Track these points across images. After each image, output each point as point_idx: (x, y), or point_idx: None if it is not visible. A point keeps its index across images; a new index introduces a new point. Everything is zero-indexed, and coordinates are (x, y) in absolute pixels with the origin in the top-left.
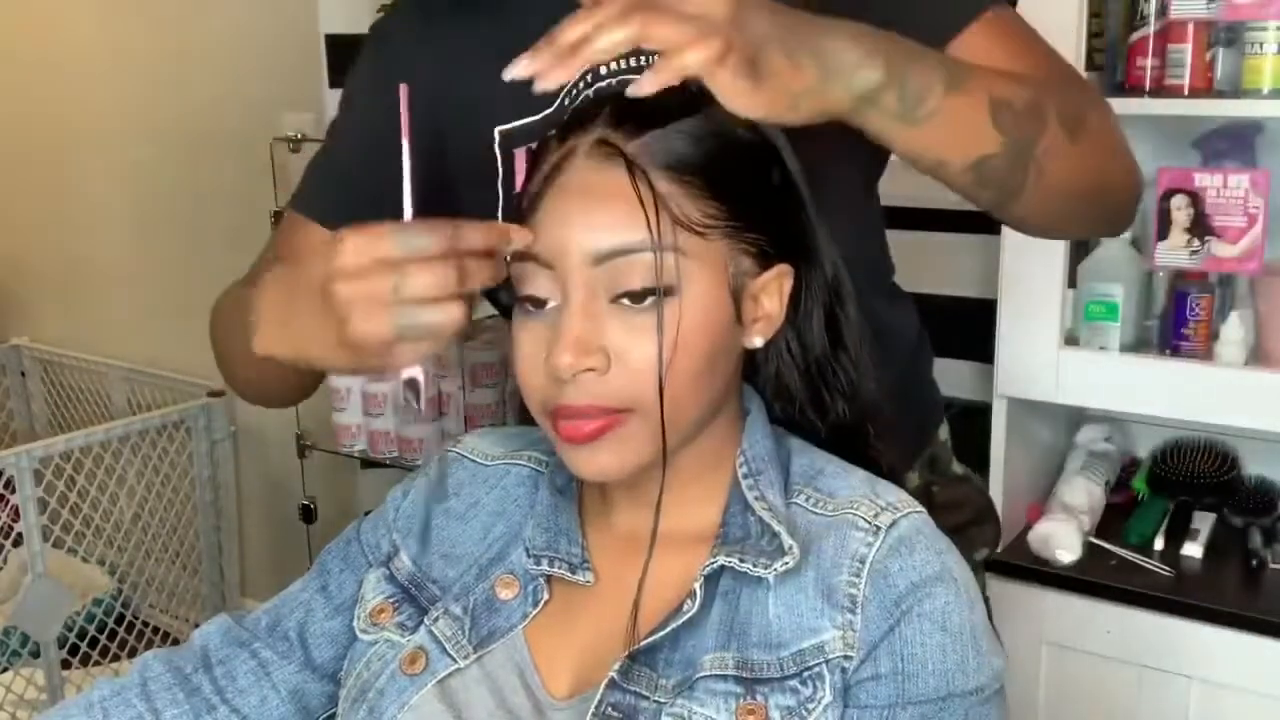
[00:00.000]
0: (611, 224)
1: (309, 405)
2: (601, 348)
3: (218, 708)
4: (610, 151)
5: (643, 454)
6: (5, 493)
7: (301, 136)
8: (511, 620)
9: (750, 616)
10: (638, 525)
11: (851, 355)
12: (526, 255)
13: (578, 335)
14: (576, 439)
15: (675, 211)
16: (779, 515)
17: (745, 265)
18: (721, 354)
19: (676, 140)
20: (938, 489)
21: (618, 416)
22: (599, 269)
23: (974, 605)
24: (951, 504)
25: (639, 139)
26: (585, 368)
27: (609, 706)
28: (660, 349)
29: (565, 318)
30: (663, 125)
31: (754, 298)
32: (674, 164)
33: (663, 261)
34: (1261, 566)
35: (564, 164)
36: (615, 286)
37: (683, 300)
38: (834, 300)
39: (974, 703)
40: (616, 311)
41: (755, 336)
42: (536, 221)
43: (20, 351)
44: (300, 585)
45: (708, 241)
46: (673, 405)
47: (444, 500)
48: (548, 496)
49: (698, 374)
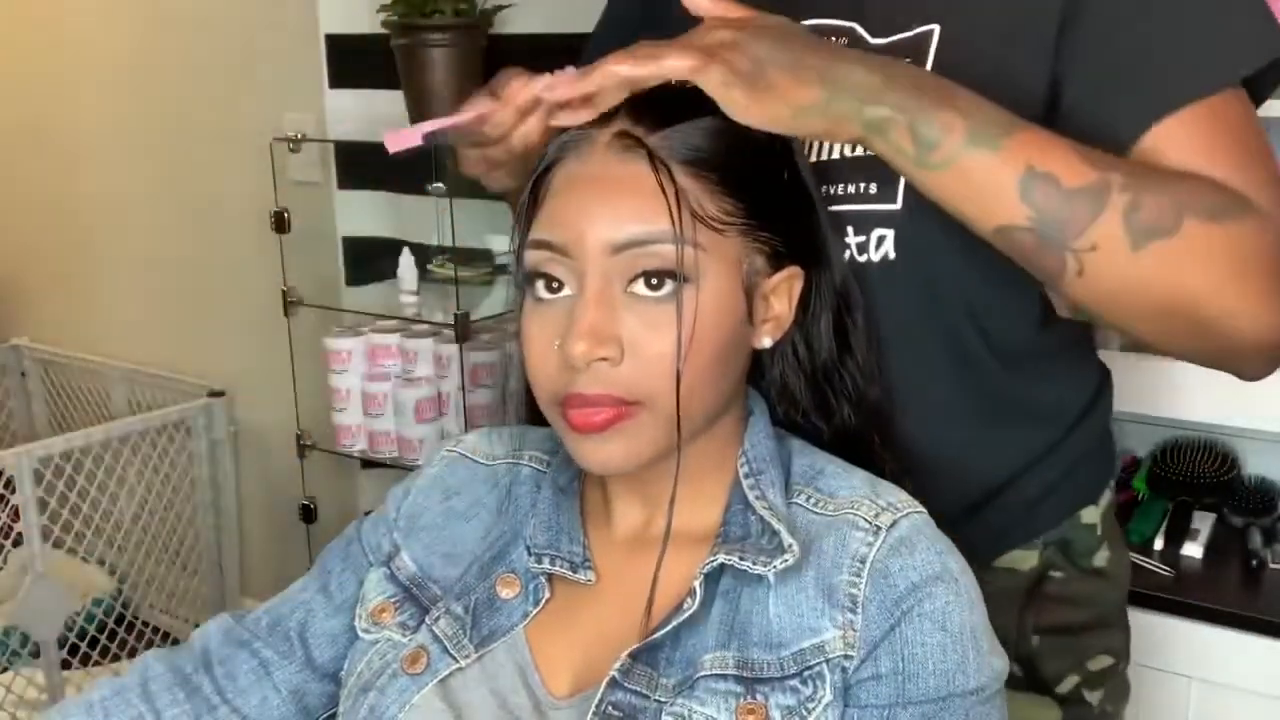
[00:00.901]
0: (631, 214)
1: (309, 405)
2: (616, 337)
3: (218, 707)
4: (631, 143)
5: (652, 447)
6: (5, 493)
7: (301, 136)
8: (513, 619)
9: (751, 616)
10: (639, 525)
11: (858, 361)
12: (544, 243)
13: (592, 323)
14: (587, 429)
15: (694, 206)
16: (779, 514)
17: (759, 264)
18: (733, 351)
19: (696, 135)
20: (1058, 577)
21: (628, 409)
22: (616, 258)
23: (974, 605)
24: (1066, 599)
25: (660, 132)
26: (599, 356)
27: (610, 705)
28: (679, 336)
29: (580, 306)
30: (683, 120)
31: (765, 298)
32: (693, 159)
33: (682, 254)
34: (1261, 566)
35: (585, 154)
36: (632, 272)
37: (699, 293)
38: (843, 306)
39: (974, 703)
40: (631, 302)
41: (764, 337)
42: (555, 210)
43: (20, 351)
44: (301, 585)
45: (724, 238)
46: (685, 398)
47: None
48: (549, 495)
49: (710, 368)
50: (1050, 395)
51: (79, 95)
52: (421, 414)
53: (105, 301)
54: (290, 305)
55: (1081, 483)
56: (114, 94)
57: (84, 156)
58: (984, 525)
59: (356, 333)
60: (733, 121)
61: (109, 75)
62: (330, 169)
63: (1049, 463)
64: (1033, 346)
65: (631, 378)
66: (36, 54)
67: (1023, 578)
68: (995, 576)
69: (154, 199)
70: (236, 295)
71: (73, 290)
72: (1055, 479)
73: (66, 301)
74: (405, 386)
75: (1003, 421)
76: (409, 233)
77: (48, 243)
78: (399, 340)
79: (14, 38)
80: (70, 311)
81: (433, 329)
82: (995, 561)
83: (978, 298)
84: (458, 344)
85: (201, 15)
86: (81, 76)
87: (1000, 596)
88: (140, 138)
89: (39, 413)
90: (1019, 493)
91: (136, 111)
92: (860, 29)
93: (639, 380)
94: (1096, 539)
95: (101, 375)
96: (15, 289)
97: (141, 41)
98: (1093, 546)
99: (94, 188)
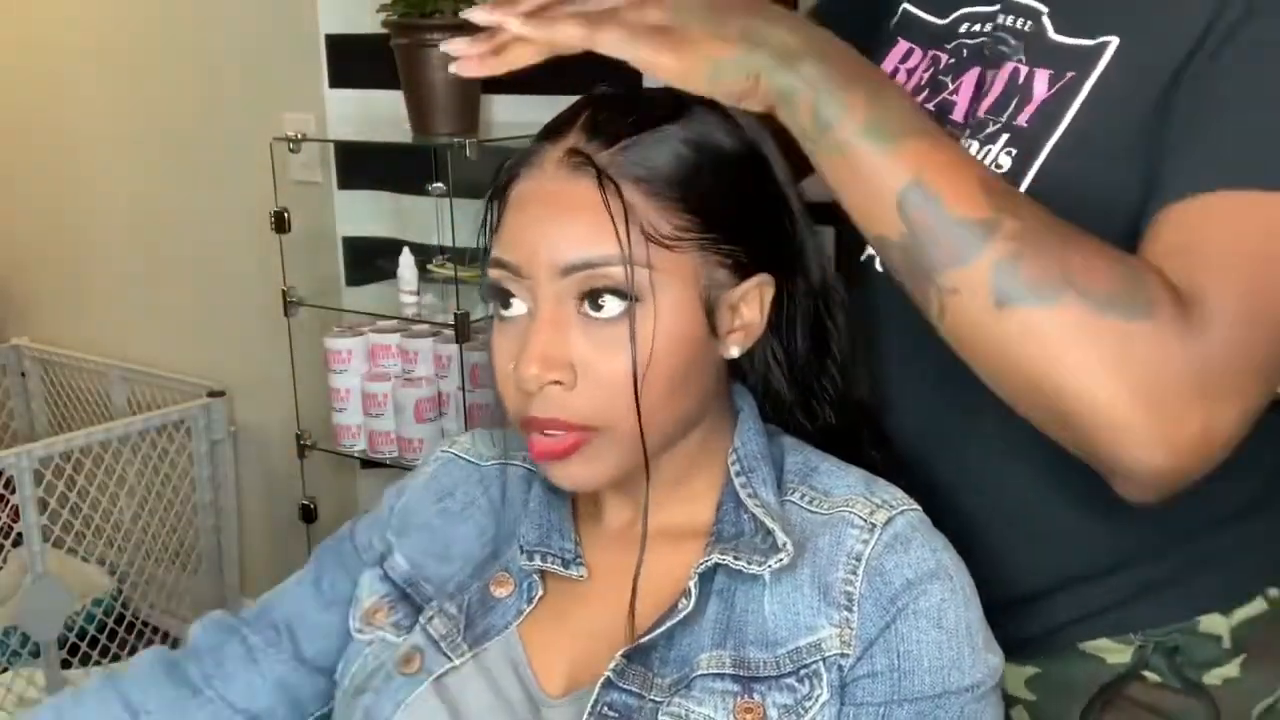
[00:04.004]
0: (579, 236)
1: (309, 405)
2: (569, 362)
3: (204, 692)
4: (581, 161)
5: (616, 468)
6: (5, 493)
7: (302, 136)
8: (506, 617)
9: (746, 615)
10: (628, 522)
11: (839, 363)
12: (500, 263)
13: (544, 347)
14: (547, 456)
15: (644, 225)
16: (772, 512)
17: (720, 277)
18: (695, 367)
19: (650, 151)
20: (1152, 680)
21: (584, 435)
22: (567, 280)
23: (970, 602)
24: (1155, 709)
25: (610, 149)
26: (551, 380)
27: (605, 706)
28: (634, 358)
29: (533, 329)
30: (639, 134)
31: (732, 308)
32: (645, 176)
33: (633, 276)
34: None
35: (537, 171)
36: (582, 292)
37: (654, 313)
38: (822, 308)
39: (969, 699)
40: (584, 323)
41: (733, 346)
42: (509, 228)
43: (20, 351)
44: (294, 580)
45: (679, 254)
46: (644, 420)
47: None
48: (541, 493)
49: (670, 389)
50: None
51: (79, 95)
52: (421, 414)
53: (105, 301)
54: (290, 305)
55: (1206, 586)
56: (114, 94)
57: (84, 156)
58: (1069, 602)
59: (356, 333)
60: (693, 132)
61: (109, 75)
62: (330, 169)
63: (1163, 556)
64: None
65: (587, 404)
66: (36, 54)
67: (1105, 671)
68: (1076, 660)
69: (154, 199)
70: (236, 295)
71: (73, 290)
72: (1167, 576)
73: (66, 301)
74: (405, 386)
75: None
76: (409, 233)
77: (48, 243)
78: (399, 340)
79: (14, 38)
80: (70, 311)
81: (433, 329)
82: (1081, 644)
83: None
84: (458, 344)
85: (201, 15)
86: (81, 76)
87: (1072, 684)
88: (140, 137)
89: (39, 413)
90: (1118, 578)
91: (136, 111)
92: (1047, 18)
93: (594, 405)
94: (1221, 652)
95: (101, 375)
96: (15, 289)
97: (141, 41)
98: (1210, 660)
99: (94, 188)
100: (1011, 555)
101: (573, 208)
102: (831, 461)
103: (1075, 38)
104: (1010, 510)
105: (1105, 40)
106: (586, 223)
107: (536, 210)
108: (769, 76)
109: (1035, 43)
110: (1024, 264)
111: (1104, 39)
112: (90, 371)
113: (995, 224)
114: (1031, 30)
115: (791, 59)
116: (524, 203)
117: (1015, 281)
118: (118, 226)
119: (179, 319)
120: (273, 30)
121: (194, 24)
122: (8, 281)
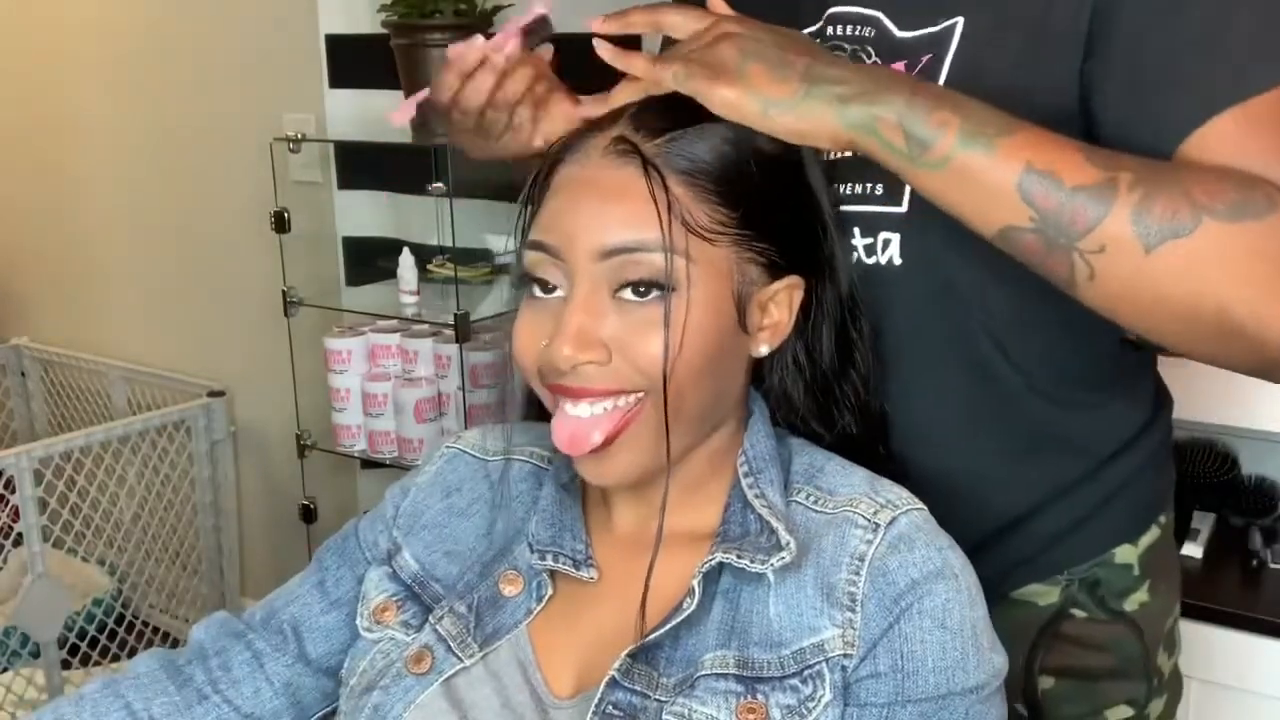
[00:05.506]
0: (621, 221)
1: (309, 405)
2: (602, 342)
3: (210, 697)
4: (627, 149)
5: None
6: (5, 493)
7: (302, 136)
8: (516, 616)
9: (751, 615)
10: (639, 525)
11: (861, 372)
12: (538, 245)
13: (578, 328)
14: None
15: (685, 215)
16: (777, 512)
17: (753, 274)
18: (725, 357)
19: (694, 145)
20: (1079, 617)
21: (627, 416)
22: (605, 264)
23: (974, 602)
24: (1088, 643)
25: (656, 140)
26: (585, 360)
27: (610, 705)
28: (666, 343)
29: (569, 310)
30: (686, 127)
31: (762, 306)
32: (689, 168)
33: (671, 264)
34: (1261, 566)
35: (582, 157)
36: (619, 279)
37: (687, 302)
38: (848, 317)
39: (974, 700)
40: (618, 306)
41: (761, 345)
42: (550, 212)
43: (20, 351)
44: (297, 581)
45: (715, 247)
46: (676, 395)
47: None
48: (552, 492)
49: (700, 371)
50: (1084, 423)
51: (79, 95)
52: (421, 414)
53: (105, 301)
54: (290, 305)
55: (1117, 519)
56: (114, 94)
57: (84, 157)
58: (1000, 555)
59: (356, 333)
60: (735, 130)
61: (109, 75)
62: (330, 169)
63: (1079, 495)
64: (1066, 368)
65: (623, 371)
66: (36, 54)
67: (1039, 614)
68: (1009, 609)
69: (154, 199)
70: (236, 295)
71: (73, 290)
72: (1084, 513)
73: (66, 301)
74: (405, 386)
75: (1027, 446)
76: (409, 233)
77: (47, 243)
78: (399, 340)
79: (14, 38)
80: (70, 311)
81: (433, 329)
82: (1013, 593)
83: (995, 311)
84: (458, 344)
85: (201, 16)
86: (81, 77)
87: (1012, 631)
88: (140, 137)
89: (39, 413)
90: (1041, 524)
91: (136, 111)
92: (885, 19)
93: (632, 373)
94: (1133, 579)
95: (101, 375)
96: (15, 289)
97: (141, 41)
98: (1127, 588)
99: (94, 188)
100: (947, 503)
101: (616, 193)
102: (837, 461)
103: (920, 30)
104: (948, 465)
105: (951, 22)
106: (628, 208)
107: (579, 194)
108: (839, 116)
109: (882, 43)
110: (1156, 205)
111: (948, 22)
112: (90, 371)
113: (1113, 181)
114: (874, 35)
115: (865, 95)
116: (567, 187)
117: (1154, 222)
118: (118, 226)
119: (179, 319)
120: (273, 30)
121: (194, 24)
122: (8, 281)
